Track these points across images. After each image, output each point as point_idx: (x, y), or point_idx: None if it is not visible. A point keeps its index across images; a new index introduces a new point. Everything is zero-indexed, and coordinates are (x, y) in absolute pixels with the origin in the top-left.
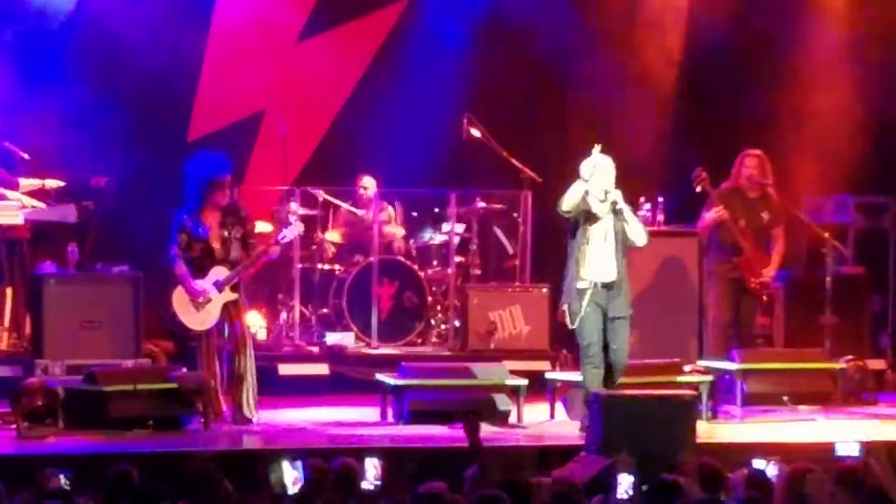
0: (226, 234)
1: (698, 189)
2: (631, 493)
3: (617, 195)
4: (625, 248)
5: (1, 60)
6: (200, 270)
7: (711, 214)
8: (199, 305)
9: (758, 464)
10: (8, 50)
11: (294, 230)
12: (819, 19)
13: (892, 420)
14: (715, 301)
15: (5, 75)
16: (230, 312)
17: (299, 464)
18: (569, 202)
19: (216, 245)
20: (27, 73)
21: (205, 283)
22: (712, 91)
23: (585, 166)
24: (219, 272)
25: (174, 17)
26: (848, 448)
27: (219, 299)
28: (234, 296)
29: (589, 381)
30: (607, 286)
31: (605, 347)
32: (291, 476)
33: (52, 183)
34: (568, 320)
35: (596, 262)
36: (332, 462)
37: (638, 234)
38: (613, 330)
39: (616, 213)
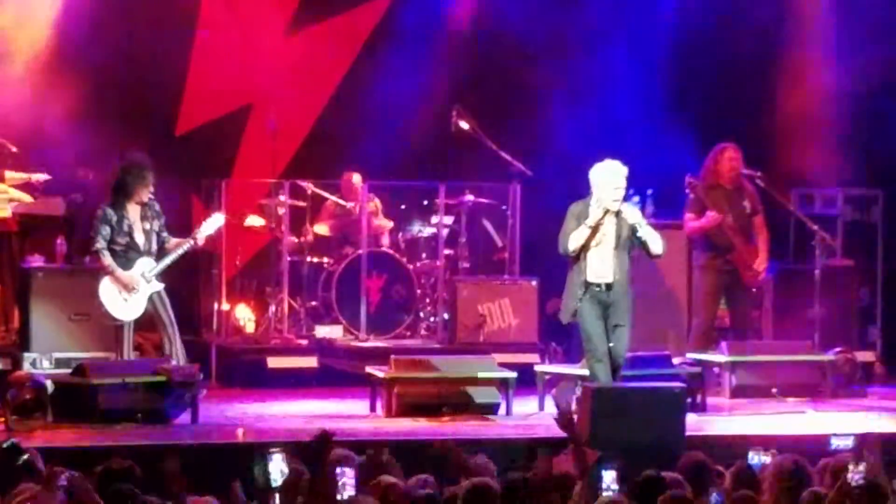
0: (147, 226)
1: (691, 196)
2: (615, 487)
3: (634, 214)
4: (628, 251)
5: None
6: (126, 262)
7: (706, 220)
8: (127, 296)
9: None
10: None
11: (213, 223)
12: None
13: (882, 412)
14: (705, 295)
15: None
16: (155, 303)
17: (281, 457)
18: (574, 244)
19: (140, 238)
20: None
21: (133, 274)
22: (702, 79)
23: (595, 172)
24: (145, 264)
25: (162, 11)
26: (842, 441)
27: (146, 290)
28: (160, 286)
29: (594, 374)
30: (608, 286)
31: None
32: (277, 469)
33: (39, 176)
34: (561, 315)
35: (595, 263)
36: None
37: (655, 246)
38: (615, 336)
39: (635, 230)
